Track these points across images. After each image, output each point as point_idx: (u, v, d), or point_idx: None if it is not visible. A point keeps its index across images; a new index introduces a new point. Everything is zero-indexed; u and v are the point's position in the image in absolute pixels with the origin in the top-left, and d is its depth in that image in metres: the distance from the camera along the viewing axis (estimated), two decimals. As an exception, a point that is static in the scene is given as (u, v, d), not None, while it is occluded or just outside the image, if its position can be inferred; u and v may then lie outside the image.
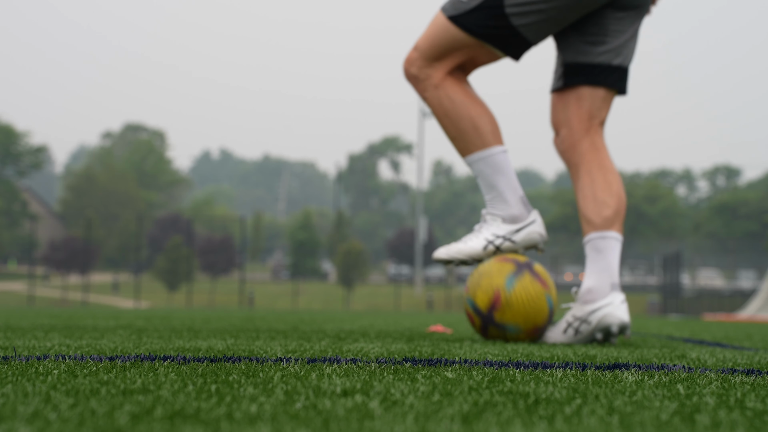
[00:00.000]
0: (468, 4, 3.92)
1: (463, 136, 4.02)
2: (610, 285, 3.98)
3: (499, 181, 4.04)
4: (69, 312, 15.09)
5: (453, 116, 4.01)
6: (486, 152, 4.02)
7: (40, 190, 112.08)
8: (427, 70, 4.03)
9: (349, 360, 2.56)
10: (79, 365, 2.27)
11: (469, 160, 4.06)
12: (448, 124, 4.03)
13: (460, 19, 3.94)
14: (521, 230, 4.07)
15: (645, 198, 75.55)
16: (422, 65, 4.04)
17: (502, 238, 4.05)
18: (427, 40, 4.02)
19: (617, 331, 3.99)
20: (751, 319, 24.33)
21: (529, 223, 4.08)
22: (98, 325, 5.99)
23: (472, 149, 4.03)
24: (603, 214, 3.99)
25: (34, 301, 49.27)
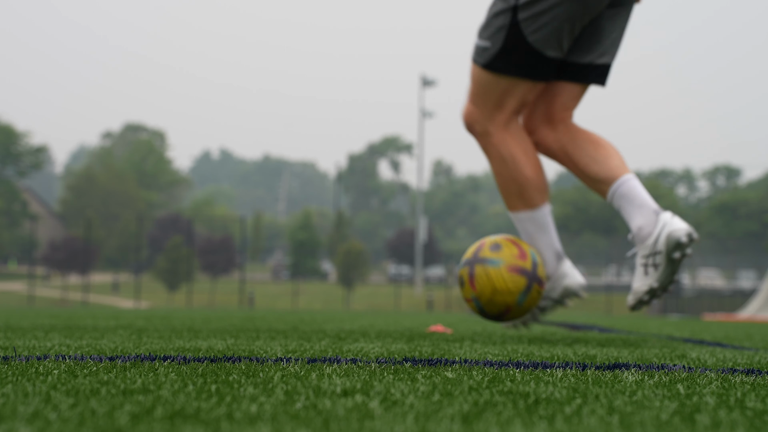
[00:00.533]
0: (494, 48, 4.05)
1: (512, 195, 4.22)
2: (653, 212, 4.08)
3: (539, 239, 4.26)
4: (69, 312, 15.08)
5: (506, 175, 4.20)
6: (531, 212, 4.23)
7: (40, 190, 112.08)
8: (485, 124, 4.18)
9: (350, 360, 2.56)
10: (80, 365, 2.27)
11: (514, 215, 4.28)
12: (500, 180, 4.23)
13: (495, 65, 4.07)
14: (556, 287, 4.30)
15: (645, 198, 75.48)
16: (480, 119, 4.19)
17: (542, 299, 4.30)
18: (477, 94, 4.17)
19: (687, 240, 4.03)
20: (751, 319, 24.32)
21: (560, 275, 4.29)
22: (98, 325, 5.99)
23: (519, 207, 4.24)
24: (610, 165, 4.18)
25: (34, 301, 49.28)
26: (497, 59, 4.05)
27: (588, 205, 74.85)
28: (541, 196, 4.23)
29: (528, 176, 4.19)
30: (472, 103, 4.22)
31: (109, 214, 75.43)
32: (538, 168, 4.23)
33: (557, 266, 4.28)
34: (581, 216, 74.63)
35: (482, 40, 4.09)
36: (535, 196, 4.21)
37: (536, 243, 4.25)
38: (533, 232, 4.25)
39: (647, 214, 4.08)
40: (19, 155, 73.14)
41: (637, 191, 4.12)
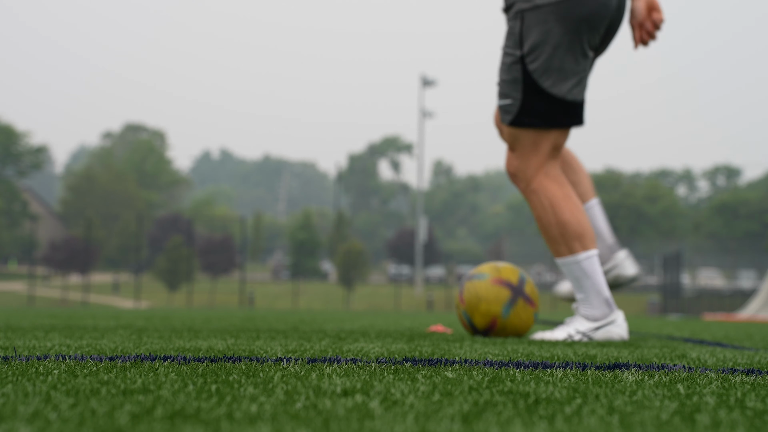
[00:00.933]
0: (516, 103, 4.23)
1: (555, 240, 4.32)
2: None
3: (585, 284, 4.33)
4: (69, 312, 15.09)
5: (546, 221, 4.32)
6: (573, 258, 4.31)
7: (41, 191, 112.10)
8: (526, 172, 4.34)
9: (350, 360, 2.56)
10: (80, 365, 2.27)
11: (561, 262, 4.36)
12: (543, 226, 4.34)
13: (521, 121, 4.25)
14: (600, 329, 4.36)
15: (645, 198, 75.56)
16: (521, 167, 4.34)
17: (582, 334, 4.36)
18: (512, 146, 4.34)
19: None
20: (751, 318, 24.33)
21: (609, 322, 4.36)
22: (98, 325, 5.99)
23: (563, 254, 4.32)
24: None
25: (35, 301, 49.27)
26: (521, 114, 4.23)
27: (588, 205, 74.82)
28: (583, 241, 4.29)
29: (568, 221, 4.28)
30: (511, 153, 4.38)
31: (110, 214, 75.44)
32: (579, 212, 4.32)
33: (608, 313, 4.35)
34: (581, 216, 74.61)
35: (503, 99, 4.28)
36: (576, 243, 4.29)
37: (583, 288, 4.34)
38: (579, 277, 4.33)
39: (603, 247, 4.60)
40: (20, 155, 73.15)
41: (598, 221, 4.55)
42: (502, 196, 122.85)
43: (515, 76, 4.20)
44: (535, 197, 4.32)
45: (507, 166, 4.43)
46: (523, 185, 4.36)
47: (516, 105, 4.23)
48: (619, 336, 4.36)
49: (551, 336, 4.40)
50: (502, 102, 4.29)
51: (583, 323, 4.36)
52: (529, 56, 4.15)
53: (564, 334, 4.39)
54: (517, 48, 4.19)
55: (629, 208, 74.61)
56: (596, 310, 4.33)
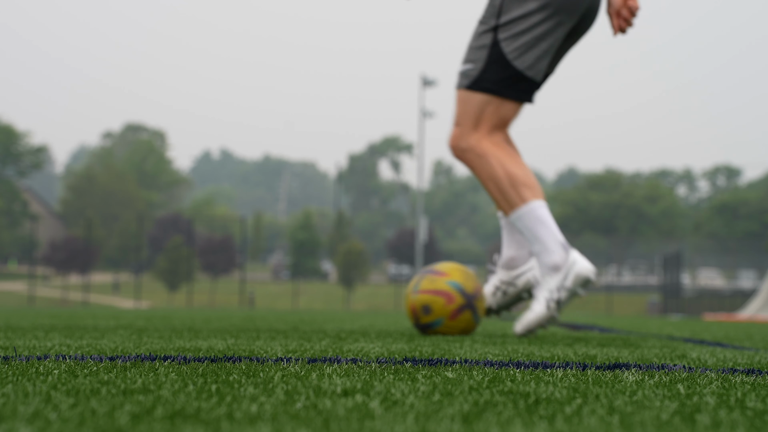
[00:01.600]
0: (476, 67, 4.34)
1: (506, 196, 4.36)
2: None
3: (541, 232, 4.35)
4: (69, 312, 15.09)
5: (497, 176, 4.36)
6: (528, 206, 4.34)
7: (41, 190, 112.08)
8: (469, 140, 4.41)
9: (350, 360, 2.56)
10: (80, 365, 2.27)
11: (514, 217, 4.39)
12: (493, 183, 4.38)
13: (478, 84, 4.35)
14: (568, 275, 4.36)
15: (645, 198, 75.55)
16: (464, 136, 4.42)
17: (557, 291, 4.36)
18: (461, 115, 4.42)
19: None
20: (751, 319, 24.33)
21: (570, 263, 4.36)
22: (99, 325, 5.99)
23: (515, 206, 4.36)
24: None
25: (35, 301, 49.28)
26: (480, 79, 4.33)
27: (588, 205, 74.85)
28: (533, 192, 4.36)
29: (516, 173, 4.36)
30: (456, 126, 4.46)
31: (110, 214, 75.45)
32: (522, 167, 4.40)
33: (566, 256, 4.35)
34: (581, 216, 74.62)
35: (465, 64, 4.39)
36: (527, 192, 4.35)
37: (539, 237, 4.34)
38: (534, 226, 4.34)
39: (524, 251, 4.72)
40: (20, 155, 73.15)
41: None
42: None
43: (484, 43, 4.31)
44: (483, 160, 4.38)
45: (451, 140, 4.47)
46: (468, 152, 4.41)
47: (476, 70, 4.34)
48: (588, 270, 4.34)
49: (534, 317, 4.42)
50: (464, 67, 4.39)
51: (551, 281, 4.36)
52: (503, 27, 4.27)
53: (542, 303, 4.39)
54: (493, 18, 4.31)
55: (629, 208, 74.59)
56: (556, 254, 4.34)
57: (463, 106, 4.40)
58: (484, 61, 4.32)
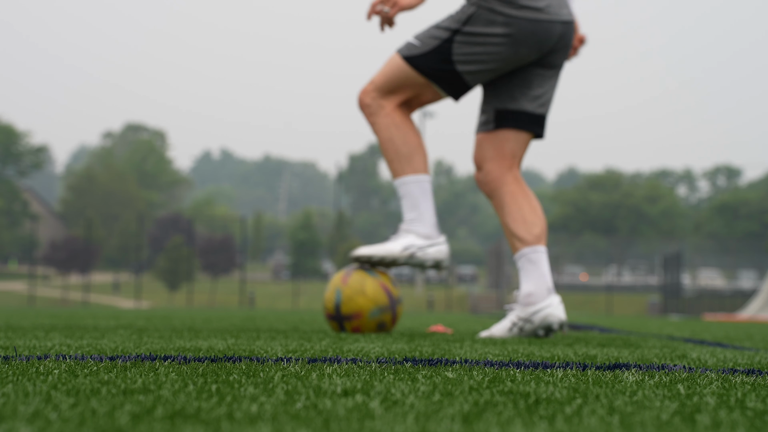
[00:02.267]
0: (421, 48, 4.60)
1: (402, 160, 4.69)
2: (547, 289, 4.64)
3: (422, 204, 4.71)
4: (70, 312, 15.09)
5: (397, 141, 4.69)
6: (419, 177, 4.70)
7: (41, 190, 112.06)
8: (380, 100, 4.69)
9: (350, 360, 2.56)
10: (80, 365, 2.27)
11: (401, 181, 4.72)
12: (390, 147, 4.70)
13: (414, 60, 4.61)
14: (433, 246, 4.76)
15: (645, 198, 75.53)
16: (376, 96, 4.69)
17: (417, 248, 4.73)
18: (383, 76, 4.68)
19: (558, 328, 4.65)
20: (751, 319, 24.32)
21: (440, 242, 4.78)
22: (99, 324, 5.99)
23: (408, 172, 4.70)
24: (533, 232, 4.68)
25: (35, 301, 49.28)
26: (418, 57, 4.60)
27: (588, 205, 74.84)
28: (425, 164, 4.72)
29: (414, 144, 4.69)
30: (372, 84, 4.70)
31: (110, 214, 75.43)
32: (422, 141, 4.74)
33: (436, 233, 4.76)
34: (581, 216, 74.61)
35: (415, 39, 4.64)
36: (421, 164, 4.69)
37: (420, 206, 4.70)
38: (418, 195, 4.70)
39: (541, 287, 4.65)
40: (20, 155, 73.13)
41: (544, 264, 4.67)
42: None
43: (439, 35, 4.57)
44: (386, 120, 4.67)
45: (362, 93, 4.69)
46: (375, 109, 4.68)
47: (420, 50, 4.60)
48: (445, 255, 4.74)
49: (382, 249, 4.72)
50: (413, 41, 4.63)
51: (416, 239, 4.72)
52: (463, 34, 4.53)
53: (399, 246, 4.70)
54: (458, 23, 4.54)
55: (629, 208, 74.57)
56: (429, 228, 4.72)
57: (390, 70, 4.66)
58: (430, 47, 4.58)
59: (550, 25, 4.53)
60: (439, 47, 4.57)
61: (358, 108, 4.75)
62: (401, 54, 4.64)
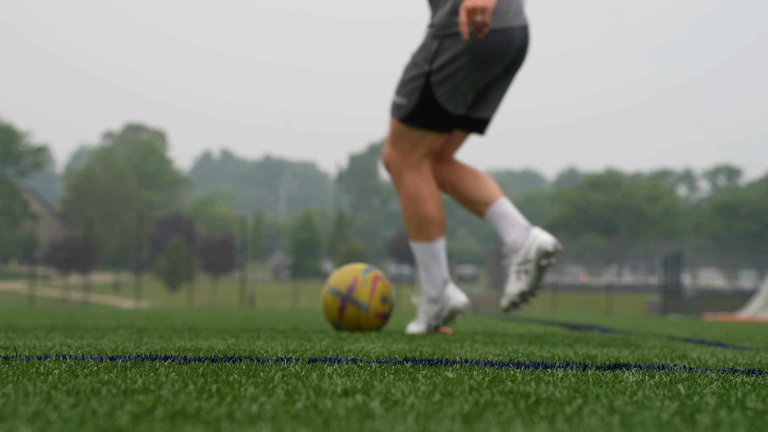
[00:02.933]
0: (409, 105, 4.80)
1: (414, 228, 4.97)
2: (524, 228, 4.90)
3: (431, 267, 5.01)
4: (70, 312, 15.09)
5: (411, 211, 4.95)
6: (428, 245, 4.99)
7: (41, 190, 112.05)
8: (400, 165, 4.93)
9: (350, 360, 2.56)
10: (80, 365, 2.27)
11: (414, 244, 5.02)
12: (407, 213, 4.97)
13: (409, 120, 4.82)
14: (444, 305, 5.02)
15: (646, 198, 75.52)
16: (397, 161, 4.93)
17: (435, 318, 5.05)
18: (394, 140, 4.91)
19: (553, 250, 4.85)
20: (751, 319, 24.31)
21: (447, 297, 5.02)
22: (99, 324, 5.99)
23: (420, 239, 4.99)
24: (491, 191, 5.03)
25: (35, 301, 49.28)
26: (412, 115, 4.80)
27: (588, 205, 74.83)
28: (438, 231, 4.98)
29: (430, 214, 4.95)
30: (390, 147, 4.94)
31: (110, 214, 75.42)
32: (439, 207, 4.99)
33: (443, 291, 5.01)
34: (582, 216, 74.60)
35: (400, 98, 4.83)
36: (434, 232, 4.96)
37: (429, 270, 5.02)
38: (428, 261, 5.00)
39: (520, 229, 4.89)
40: (20, 155, 73.14)
41: (510, 212, 4.93)
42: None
43: (417, 85, 4.76)
44: (404, 188, 4.94)
45: (385, 157, 4.97)
46: (396, 177, 4.95)
47: (408, 108, 4.79)
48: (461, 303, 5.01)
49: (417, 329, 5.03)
50: (398, 100, 4.83)
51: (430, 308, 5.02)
52: (435, 73, 4.71)
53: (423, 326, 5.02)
54: (426, 63, 4.73)
55: (630, 208, 74.57)
56: (437, 291, 4.99)
57: (397, 134, 4.90)
58: (416, 100, 4.77)
59: (510, 32, 4.70)
60: (423, 96, 4.75)
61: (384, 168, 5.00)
62: (396, 117, 4.84)
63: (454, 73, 4.68)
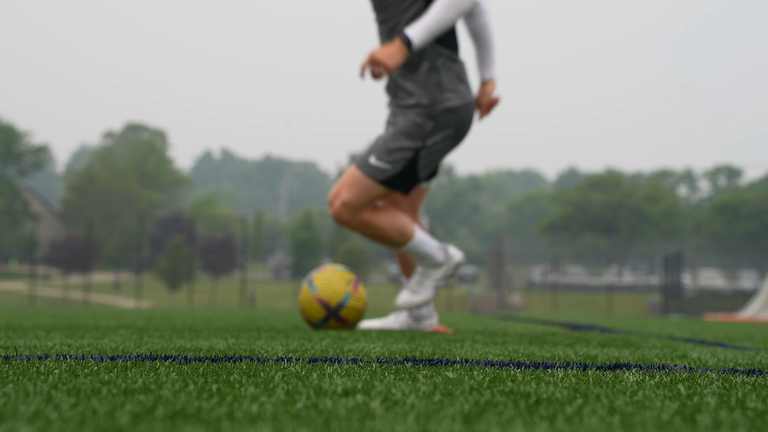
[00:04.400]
0: (392, 171, 5.09)
1: (393, 242, 5.24)
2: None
3: (426, 248, 5.31)
4: (70, 312, 15.09)
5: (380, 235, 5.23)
6: (411, 242, 5.26)
7: (42, 190, 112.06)
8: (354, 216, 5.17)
9: (350, 360, 2.56)
10: (81, 365, 2.27)
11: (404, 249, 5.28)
12: (385, 242, 5.25)
13: (388, 182, 5.10)
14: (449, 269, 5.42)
15: (646, 198, 75.51)
16: (351, 213, 5.15)
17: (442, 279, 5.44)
18: (357, 198, 5.13)
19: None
20: (752, 319, 24.30)
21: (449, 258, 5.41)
22: (99, 324, 5.99)
23: (402, 245, 5.26)
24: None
25: (36, 301, 49.29)
26: (391, 179, 5.11)
27: (589, 205, 74.82)
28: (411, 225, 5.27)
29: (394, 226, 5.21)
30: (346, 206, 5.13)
31: (111, 214, 75.42)
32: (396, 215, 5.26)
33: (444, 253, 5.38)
34: (582, 216, 74.58)
35: (382, 163, 5.10)
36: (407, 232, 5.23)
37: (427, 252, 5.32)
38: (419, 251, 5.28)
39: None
40: (21, 155, 73.13)
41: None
42: (503, 196, 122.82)
43: (405, 156, 5.08)
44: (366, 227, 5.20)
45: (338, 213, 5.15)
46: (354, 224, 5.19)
47: (390, 173, 5.09)
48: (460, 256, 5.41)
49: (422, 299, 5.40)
50: (379, 164, 5.10)
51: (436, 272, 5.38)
52: (426, 150, 5.09)
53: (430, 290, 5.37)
54: (420, 139, 5.08)
55: (630, 208, 74.55)
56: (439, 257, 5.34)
57: (362, 191, 5.13)
58: (400, 168, 5.10)
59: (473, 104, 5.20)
60: (407, 166, 5.10)
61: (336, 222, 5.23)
62: (375, 179, 5.10)
63: (441, 149, 5.14)
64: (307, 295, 5.38)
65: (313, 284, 5.38)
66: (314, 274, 5.46)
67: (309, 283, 5.41)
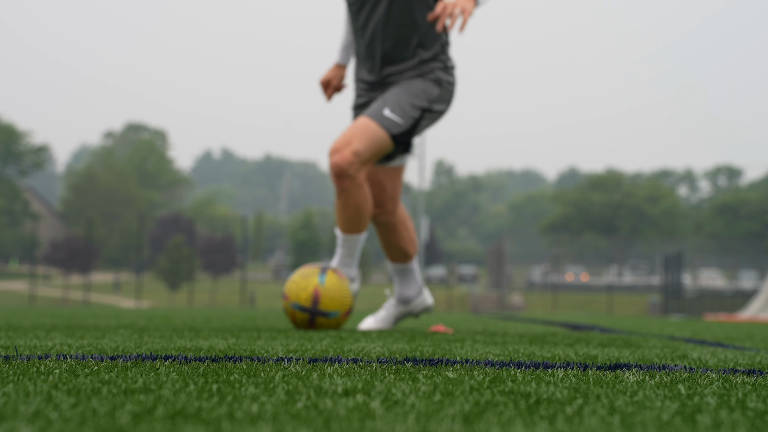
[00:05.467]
0: (403, 126, 5.18)
1: (356, 223, 5.31)
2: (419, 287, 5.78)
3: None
4: (70, 311, 15.09)
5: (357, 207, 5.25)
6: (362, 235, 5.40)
7: (42, 190, 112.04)
8: (358, 171, 5.16)
9: (351, 360, 2.56)
10: (81, 365, 2.27)
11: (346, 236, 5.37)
12: (350, 210, 5.27)
13: (399, 137, 5.18)
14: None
15: (646, 198, 75.50)
16: (360, 168, 5.14)
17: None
18: (370, 150, 5.14)
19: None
20: (752, 319, 24.29)
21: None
22: (99, 324, 5.99)
23: (355, 231, 5.35)
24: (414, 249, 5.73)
25: (36, 301, 49.30)
26: (402, 134, 5.19)
27: (589, 205, 74.82)
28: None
29: (367, 211, 5.31)
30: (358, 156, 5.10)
31: (111, 214, 75.42)
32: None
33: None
34: (582, 216, 74.59)
35: (396, 116, 5.16)
36: (366, 225, 5.38)
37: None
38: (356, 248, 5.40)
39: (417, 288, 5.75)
40: (21, 155, 73.14)
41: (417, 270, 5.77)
42: (503, 196, 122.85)
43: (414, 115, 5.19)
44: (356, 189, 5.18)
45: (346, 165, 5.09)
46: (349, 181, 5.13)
47: (402, 128, 5.16)
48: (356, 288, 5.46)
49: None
50: (394, 117, 5.15)
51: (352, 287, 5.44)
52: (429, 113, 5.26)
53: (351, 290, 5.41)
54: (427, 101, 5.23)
55: (630, 209, 74.55)
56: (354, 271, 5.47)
57: (376, 144, 5.13)
58: (409, 125, 5.20)
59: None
60: (413, 124, 5.23)
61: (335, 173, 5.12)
62: (390, 132, 5.14)
63: (435, 118, 5.34)
64: (286, 308, 5.33)
65: (285, 294, 5.32)
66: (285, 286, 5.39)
67: (283, 296, 5.35)
